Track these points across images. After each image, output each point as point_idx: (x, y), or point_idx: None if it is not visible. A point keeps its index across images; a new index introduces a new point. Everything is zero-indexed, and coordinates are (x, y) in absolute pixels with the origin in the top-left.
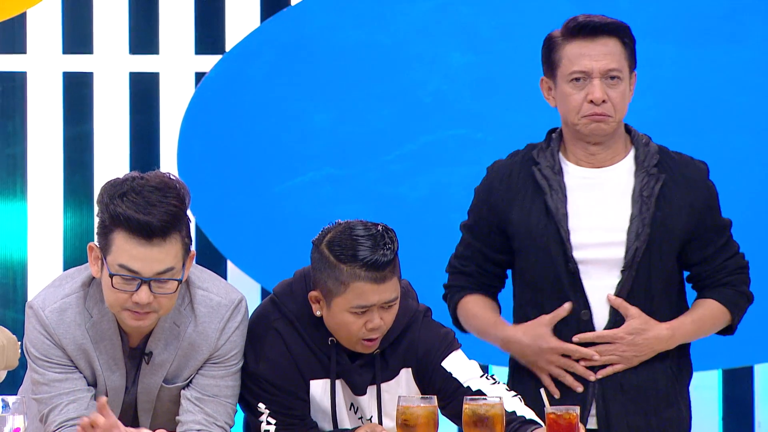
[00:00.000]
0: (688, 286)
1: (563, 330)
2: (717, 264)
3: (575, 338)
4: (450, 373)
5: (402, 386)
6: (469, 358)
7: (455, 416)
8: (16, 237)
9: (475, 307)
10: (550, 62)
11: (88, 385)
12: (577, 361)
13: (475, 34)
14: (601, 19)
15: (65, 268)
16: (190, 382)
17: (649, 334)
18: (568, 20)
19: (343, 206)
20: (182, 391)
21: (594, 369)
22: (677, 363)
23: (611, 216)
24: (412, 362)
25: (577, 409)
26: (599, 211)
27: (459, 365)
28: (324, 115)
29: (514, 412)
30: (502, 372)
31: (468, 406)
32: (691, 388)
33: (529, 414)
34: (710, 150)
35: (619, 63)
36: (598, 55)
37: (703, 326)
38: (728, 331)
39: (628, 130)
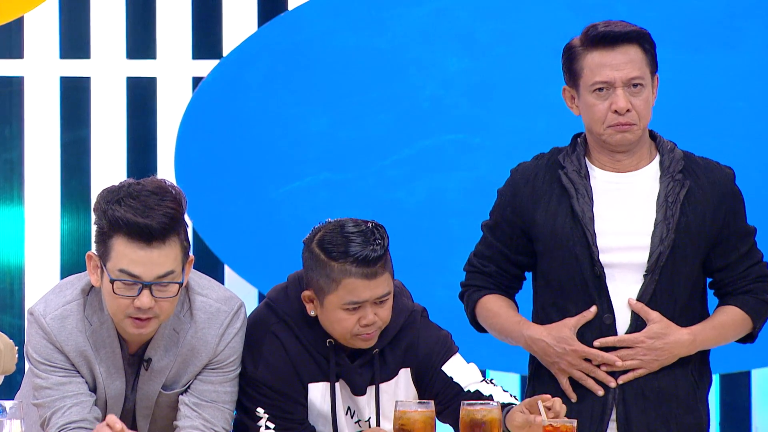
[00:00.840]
0: (709, 293)
1: (585, 333)
2: (740, 271)
3: (597, 342)
4: (451, 378)
5: (401, 387)
6: (470, 361)
7: (455, 421)
8: (13, 242)
9: (495, 306)
10: (571, 72)
11: (89, 390)
12: (599, 366)
13: (471, 39)
14: (621, 27)
15: (62, 273)
16: (188, 387)
17: (669, 339)
18: (587, 28)
19: (340, 211)
20: (180, 397)
21: (615, 374)
22: (698, 369)
23: (637, 220)
24: (413, 363)
25: (575, 422)
26: (625, 215)
27: (459, 369)
28: (321, 120)
29: (491, 395)
30: (501, 377)
31: (465, 410)
32: None
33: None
34: (707, 152)
35: (640, 70)
36: (619, 64)
37: (725, 333)
38: (749, 338)
39: (653, 136)
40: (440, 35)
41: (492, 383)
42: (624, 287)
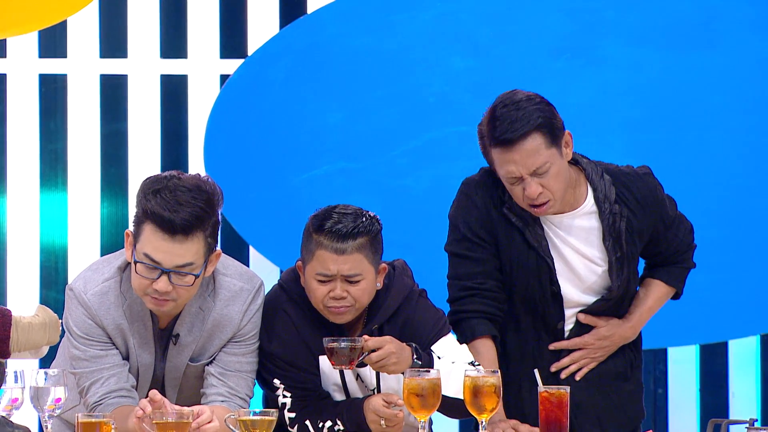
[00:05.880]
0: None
1: (541, 335)
2: (668, 254)
3: (551, 346)
4: (438, 357)
5: None
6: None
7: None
8: (57, 224)
9: (485, 360)
10: (486, 157)
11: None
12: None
13: (474, 40)
14: (512, 126)
15: (102, 253)
16: (214, 359)
17: (615, 337)
18: (488, 120)
19: (354, 197)
20: (206, 367)
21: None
22: (633, 350)
23: (582, 252)
24: (408, 339)
25: (568, 389)
26: (571, 246)
27: (448, 350)
28: (337, 114)
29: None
30: None
31: (468, 378)
32: (670, 362)
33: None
34: (687, 146)
35: (542, 157)
36: (521, 159)
37: (655, 310)
38: (674, 297)
39: (579, 163)
40: (445, 37)
41: (474, 365)
42: (575, 301)
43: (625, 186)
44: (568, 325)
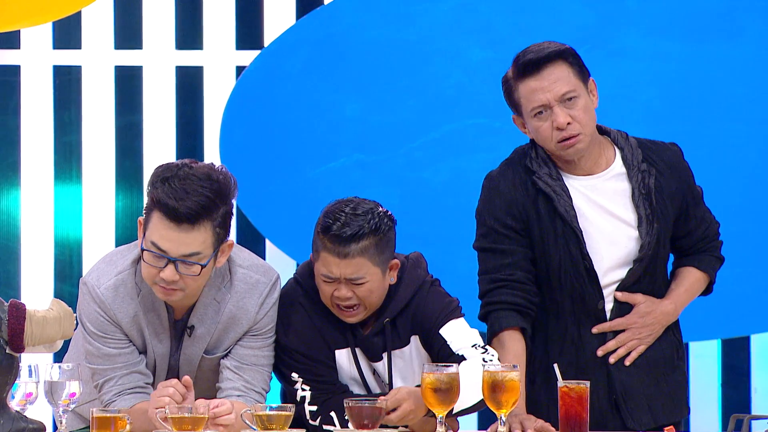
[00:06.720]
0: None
1: (581, 319)
2: (697, 236)
3: (595, 329)
4: (445, 340)
5: (413, 353)
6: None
7: None
8: (72, 217)
9: (510, 354)
10: (513, 103)
11: (139, 353)
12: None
13: (493, 31)
14: (542, 52)
15: (117, 246)
16: (229, 352)
17: (657, 313)
18: (516, 58)
19: (371, 190)
20: (222, 361)
21: (608, 353)
22: (676, 333)
23: (615, 215)
24: (419, 329)
25: (588, 383)
26: (603, 211)
27: (455, 333)
28: (354, 106)
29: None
30: None
31: (486, 373)
32: (691, 356)
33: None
34: (709, 138)
35: (569, 84)
36: (548, 85)
37: (693, 294)
38: (706, 291)
39: (605, 131)
40: (463, 28)
41: (484, 348)
42: (611, 275)
43: (652, 150)
44: (608, 304)
